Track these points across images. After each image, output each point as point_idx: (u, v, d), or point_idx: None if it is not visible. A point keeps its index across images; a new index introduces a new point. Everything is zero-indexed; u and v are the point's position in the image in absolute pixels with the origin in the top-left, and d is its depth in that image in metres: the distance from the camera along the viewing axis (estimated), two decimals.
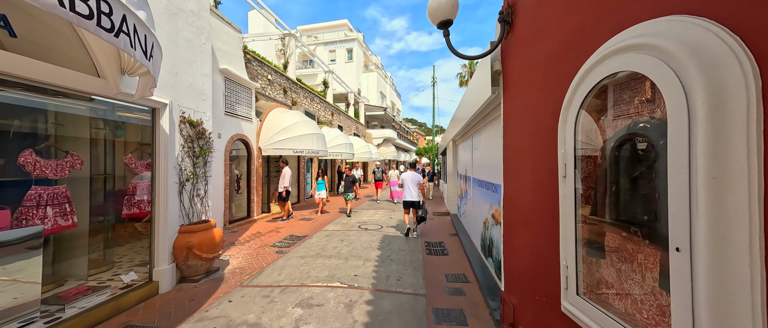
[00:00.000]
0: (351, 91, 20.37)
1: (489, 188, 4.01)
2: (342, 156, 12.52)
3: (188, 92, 3.88)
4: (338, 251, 5.19)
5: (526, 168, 2.14)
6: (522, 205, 2.21)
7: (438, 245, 5.74)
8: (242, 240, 5.82)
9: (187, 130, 3.83)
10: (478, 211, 4.91)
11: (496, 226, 3.60)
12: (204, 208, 4.09)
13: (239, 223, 7.08)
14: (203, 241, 3.73)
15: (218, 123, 6.47)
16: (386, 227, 7.27)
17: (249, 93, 7.70)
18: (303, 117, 9.00)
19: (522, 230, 2.21)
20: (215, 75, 6.36)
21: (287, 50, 11.60)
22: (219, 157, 6.48)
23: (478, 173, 4.90)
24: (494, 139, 3.65)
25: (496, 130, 3.54)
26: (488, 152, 4.09)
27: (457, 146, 8.64)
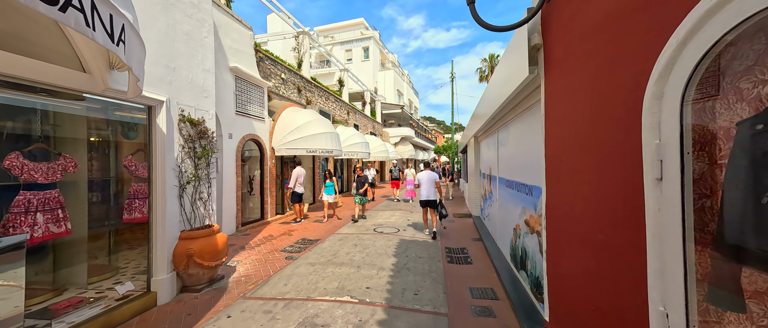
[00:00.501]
0: (367, 90, 20.05)
1: (521, 190, 3.46)
2: (358, 155, 12.20)
3: (188, 89, 3.64)
4: (351, 257, 4.81)
5: (582, 166, 1.62)
6: (576, 215, 1.69)
7: (460, 252, 5.21)
8: (253, 244, 5.60)
9: (188, 130, 3.59)
10: (506, 215, 4.35)
11: (531, 235, 3.05)
12: (207, 212, 3.84)
13: (252, 225, 6.91)
14: (205, 248, 3.47)
15: (229, 123, 6.31)
16: (403, 229, 6.82)
17: (261, 92, 7.52)
18: (317, 116, 8.74)
19: (576, 248, 1.69)
20: (225, 73, 6.20)
21: (301, 48, 11.43)
22: (230, 158, 6.32)
23: (506, 172, 4.33)
24: (528, 133, 3.10)
25: (531, 121, 2.99)
26: (519, 148, 3.54)
27: (480, 143, 8.01)
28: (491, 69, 34.86)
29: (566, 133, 1.80)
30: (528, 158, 3.15)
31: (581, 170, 1.63)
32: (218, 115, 5.97)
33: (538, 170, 2.70)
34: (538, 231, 2.83)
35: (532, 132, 2.94)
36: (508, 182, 4.15)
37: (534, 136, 2.87)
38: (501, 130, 4.77)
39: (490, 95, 4.15)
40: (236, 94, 6.56)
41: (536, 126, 2.76)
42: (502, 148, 4.65)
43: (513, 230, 3.87)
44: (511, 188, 3.95)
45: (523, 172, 3.35)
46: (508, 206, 4.16)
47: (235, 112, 6.51)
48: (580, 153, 1.64)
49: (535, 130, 2.84)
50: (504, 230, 4.53)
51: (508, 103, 3.27)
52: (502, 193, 4.63)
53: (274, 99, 8.91)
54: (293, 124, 8.04)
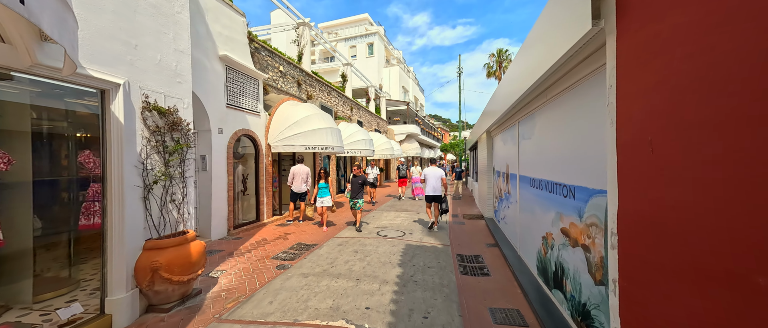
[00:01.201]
0: (371, 86, 19.45)
1: (554, 191, 2.82)
2: (361, 153, 11.62)
3: (156, 72, 3.08)
4: (350, 267, 4.23)
5: (698, 157, 0.99)
6: (685, 233, 1.06)
7: (474, 260, 4.59)
8: (243, 249, 5.07)
9: (155, 120, 3.04)
10: (530, 220, 3.70)
11: (572, 248, 2.41)
12: (181, 217, 3.30)
13: (246, 227, 6.39)
14: (175, 259, 2.92)
15: (219, 117, 5.78)
16: (409, 233, 6.22)
17: (256, 84, 6.98)
18: (316, 110, 8.17)
19: (687, 287, 1.06)
20: (214, 62, 5.67)
21: (301, 40, 10.87)
22: (220, 154, 5.79)
23: (531, 170, 3.68)
24: (569, 119, 2.46)
25: (574, 104, 2.35)
26: (552, 140, 2.89)
27: (493, 138, 7.34)
28: (499, 64, 33.87)
29: (661, 109, 1.17)
30: (568, 152, 2.51)
31: (696, 164, 1.00)
32: (206, 107, 5.44)
33: (588, 166, 2.06)
34: (584, 245, 2.20)
35: (577, 117, 2.30)
36: (535, 182, 3.51)
37: (581, 121, 2.23)
38: (523, 122, 4.12)
39: (514, 75, 3.51)
40: (227, 86, 6.02)
41: (587, 109, 2.12)
42: (526, 141, 3.99)
43: (542, 238, 3.23)
44: (539, 189, 3.31)
45: (559, 169, 2.71)
46: (535, 210, 3.52)
47: (227, 105, 5.98)
48: (694, 139, 1.01)
49: (583, 114, 2.20)
50: (528, 237, 3.89)
51: (541, 82, 2.63)
52: (525, 194, 3.98)
53: (271, 93, 8.38)
54: (291, 118, 7.49)
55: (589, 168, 2.10)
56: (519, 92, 3.18)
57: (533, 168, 3.61)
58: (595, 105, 1.99)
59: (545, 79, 2.59)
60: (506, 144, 5.47)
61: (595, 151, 2.01)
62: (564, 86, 2.54)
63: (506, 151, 5.47)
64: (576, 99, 2.33)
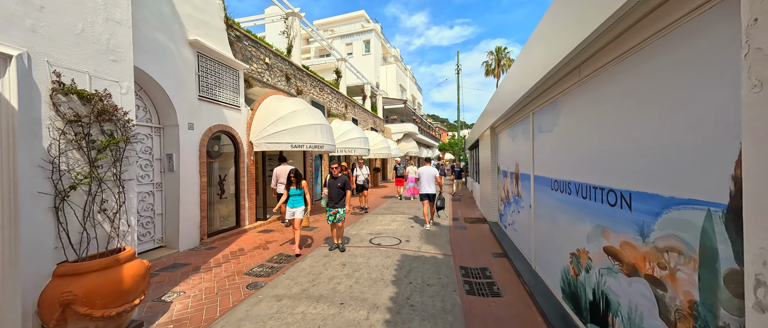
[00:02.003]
0: (367, 83, 18.78)
1: (593, 197, 2.16)
2: (355, 152, 10.96)
3: (75, 45, 2.39)
4: (334, 285, 3.55)
5: None
6: None
7: (481, 274, 3.93)
8: (213, 263, 4.37)
9: (74, 106, 2.35)
10: (553, 231, 3.04)
11: (625, 277, 1.75)
12: (115, 230, 2.60)
13: (223, 235, 5.69)
14: (97, 288, 2.23)
15: (189, 110, 5.08)
16: (405, 240, 5.55)
17: (235, 75, 6.28)
18: (305, 105, 7.49)
19: None
20: (182, 48, 4.96)
21: (290, 32, 10.17)
22: (190, 153, 5.09)
23: (554, 169, 3.03)
24: (628, 99, 1.80)
25: (638, 76, 1.69)
26: (592, 130, 2.22)
27: (498, 135, 6.69)
28: (498, 62, 33.32)
29: None
30: (617, 145, 1.85)
31: None
32: (173, 99, 4.74)
33: (662, 164, 1.40)
34: (651, 276, 1.54)
35: (639, 96, 1.64)
36: (558, 184, 2.85)
37: (648, 102, 1.56)
38: (540, 113, 3.46)
39: (531, 59, 2.85)
40: (199, 76, 5.32)
41: (664, 82, 1.46)
42: (543, 135, 3.34)
43: (571, 255, 2.57)
44: (565, 192, 2.65)
45: (601, 168, 2.05)
46: (558, 218, 2.86)
47: (199, 97, 5.28)
48: None
49: (654, 90, 1.53)
50: (547, 250, 3.23)
51: (574, 56, 1.97)
52: (544, 198, 3.32)
53: (255, 86, 7.68)
54: (276, 114, 6.80)
55: (664, 167, 1.44)
56: (539, 73, 2.52)
57: (555, 167, 2.95)
58: (682, 75, 1.33)
59: (584, 49, 1.93)
60: (515, 140, 4.82)
61: (679, 141, 1.35)
62: (610, 57, 1.88)
63: (515, 148, 4.82)
64: (635, 72, 1.67)
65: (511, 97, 3.86)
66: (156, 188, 4.76)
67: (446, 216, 8.10)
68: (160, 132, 4.87)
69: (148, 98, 4.71)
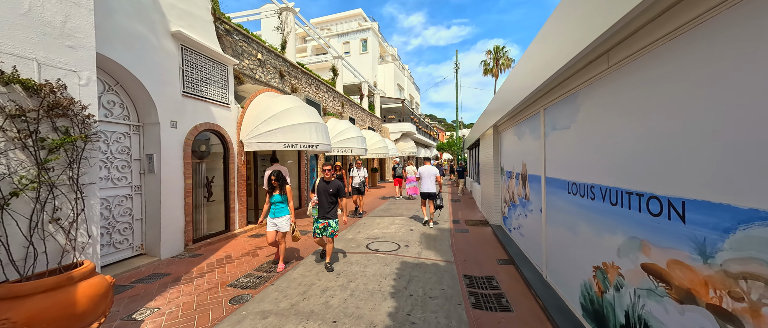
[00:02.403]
0: (364, 81, 18.45)
1: (626, 204, 1.84)
2: (352, 152, 10.62)
3: (21, 26, 2.05)
4: (327, 299, 3.22)
5: None
6: None
7: (487, 284, 3.62)
8: (196, 272, 4.02)
9: (16, 97, 2.00)
10: (569, 239, 2.73)
11: (682, 305, 1.43)
12: (71, 243, 2.25)
13: (210, 241, 5.34)
14: (43, 313, 1.89)
15: (172, 107, 4.72)
16: (405, 245, 5.23)
17: (224, 71, 5.92)
18: (299, 102, 7.14)
19: None
20: (164, 39, 4.60)
21: (284, 27, 9.82)
22: (173, 153, 4.73)
23: (571, 170, 2.71)
24: (681, 86, 1.48)
25: (693, 56, 1.38)
26: (625, 126, 1.90)
27: (501, 134, 6.39)
28: (496, 62, 33.10)
29: None
30: (663, 142, 1.53)
31: None
32: (153, 94, 4.38)
33: (721, 166, 1.08)
34: (718, 308, 1.22)
35: (694, 84, 1.33)
36: (577, 187, 2.54)
37: (710, 90, 1.25)
38: (553, 108, 3.15)
39: (544, 48, 2.53)
40: (184, 70, 4.96)
41: (721, 66, 1.15)
42: (557, 133, 3.02)
43: (594, 269, 2.26)
44: (586, 197, 2.34)
45: (638, 170, 1.74)
46: (577, 226, 2.55)
47: (183, 93, 4.92)
48: None
49: (726, 71, 1.22)
50: (563, 259, 2.92)
51: (601, 42, 1.65)
52: (558, 202, 3.01)
53: (247, 83, 7.32)
54: (268, 111, 6.45)
55: (742, 169, 1.12)
56: (557, 64, 2.20)
57: (573, 168, 2.64)
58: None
59: (619, 30, 1.61)
60: (522, 139, 4.51)
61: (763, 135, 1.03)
62: (657, 36, 1.57)
63: (522, 148, 4.51)
64: (696, 49, 1.36)
65: (518, 93, 3.54)
66: (135, 191, 4.40)
67: (446, 218, 7.79)
68: (139, 130, 4.51)
69: (126, 94, 4.34)
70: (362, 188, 8.38)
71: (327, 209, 4.06)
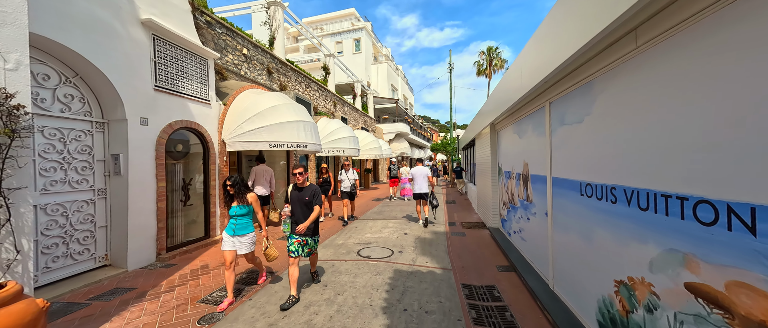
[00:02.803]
0: (357, 81, 18.09)
1: (659, 208, 1.54)
2: (344, 152, 10.25)
3: None
4: (311, 315, 2.85)
5: None
6: None
7: (488, 295, 3.30)
8: (166, 286, 3.60)
9: None
10: (583, 248, 2.42)
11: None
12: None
13: (187, 248, 4.90)
14: None
15: (142, 102, 4.29)
16: (398, 251, 4.88)
17: (203, 65, 5.50)
18: (287, 100, 6.75)
19: None
20: (132, 28, 4.16)
21: (273, 23, 9.41)
22: (144, 153, 4.30)
23: (586, 170, 2.41)
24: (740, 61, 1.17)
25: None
26: (659, 116, 1.59)
27: (498, 132, 6.11)
28: (489, 62, 33.16)
29: None
30: (717, 135, 1.22)
31: None
32: (118, 88, 3.95)
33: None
34: None
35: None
36: (593, 189, 2.23)
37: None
38: (562, 101, 2.85)
39: (556, 31, 2.23)
40: (156, 62, 4.53)
41: None
42: (568, 129, 2.72)
43: (616, 284, 1.95)
44: (608, 201, 2.03)
45: (679, 170, 1.43)
46: (593, 232, 2.24)
47: (155, 87, 4.48)
48: None
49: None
50: (574, 269, 2.61)
51: (630, 17, 1.34)
52: (568, 205, 2.71)
53: (231, 79, 6.90)
54: (253, 109, 6.04)
55: None
56: (570, 48, 1.89)
57: (588, 167, 2.34)
58: None
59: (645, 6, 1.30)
60: (523, 136, 4.22)
61: None
62: (704, 4, 1.26)
63: (523, 146, 4.22)
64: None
65: (521, 87, 3.24)
66: (98, 195, 3.95)
67: (442, 221, 7.48)
68: (103, 128, 4.06)
69: (87, 87, 3.90)
70: (353, 192, 7.45)
71: (301, 220, 3.23)
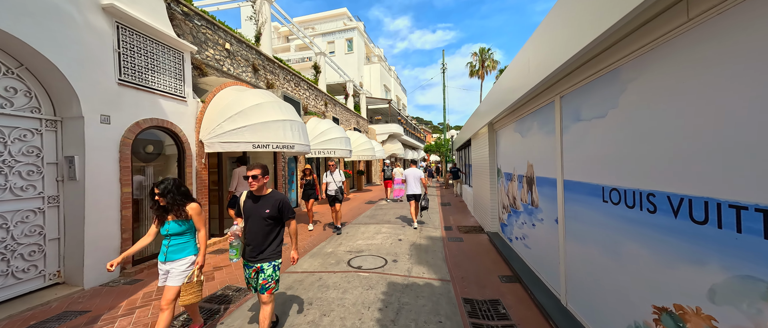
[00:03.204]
0: (350, 81, 17.69)
1: (726, 223, 1.20)
2: (336, 153, 9.82)
3: None
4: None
5: None
6: None
7: (493, 312, 2.94)
8: (123, 308, 3.12)
9: None
10: (608, 262, 2.08)
11: None
12: None
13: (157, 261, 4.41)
14: None
15: (104, 97, 3.81)
16: (392, 260, 4.50)
17: (178, 58, 5.03)
18: (272, 97, 6.30)
19: None
20: (87, 12, 3.65)
21: (259, 17, 8.94)
22: (107, 155, 3.81)
23: (606, 173, 2.07)
24: None
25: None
26: (727, 103, 1.26)
27: (497, 132, 5.80)
28: (482, 63, 33.18)
29: None
30: None
31: None
32: (72, 81, 3.46)
33: None
34: None
35: None
36: (620, 194, 1.89)
37: None
38: (577, 94, 2.52)
39: (578, 8, 1.89)
40: (121, 54, 4.04)
41: None
42: (585, 125, 2.39)
43: (655, 310, 1.61)
44: (644, 210, 1.70)
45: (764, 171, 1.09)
46: (623, 248, 1.90)
47: (119, 81, 4.00)
48: None
49: None
50: (597, 288, 2.26)
51: None
52: (585, 212, 2.37)
53: (211, 75, 6.43)
54: (235, 107, 5.58)
55: None
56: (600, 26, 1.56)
57: (613, 168, 2.00)
58: None
59: None
60: (527, 135, 3.90)
61: None
62: None
63: (527, 146, 3.89)
64: None
65: (524, 82, 2.91)
66: (48, 203, 3.45)
67: (438, 224, 7.14)
68: (55, 126, 3.57)
69: (35, 80, 3.41)
70: (340, 197, 6.45)
71: (260, 243, 2.35)
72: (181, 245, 2.39)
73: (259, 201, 2.41)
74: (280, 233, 2.46)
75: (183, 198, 2.38)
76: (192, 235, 2.47)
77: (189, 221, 2.42)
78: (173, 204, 2.34)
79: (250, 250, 2.40)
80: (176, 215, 2.35)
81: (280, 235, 2.46)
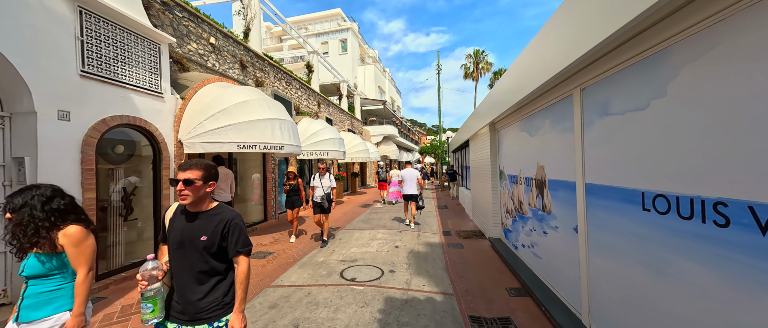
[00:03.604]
0: (343, 81, 17.30)
1: None
2: (329, 155, 9.42)
3: None
4: None
5: None
6: None
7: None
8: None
9: None
10: (650, 283, 1.73)
11: None
12: None
13: (126, 274, 3.94)
14: None
15: (63, 91, 3.35)
16: (389, 270, 4.11)
17: (154, 50, 4.58)
18: (260, 95, 5.88)
19: None
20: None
21: (248, 12, 8.51)
22: (66, 156, 3.35)
23: (649, 176, 1.73)
24: None
25: None
26: None
27: (499, 132, 5.48)
28: (476, 65, 33.20)
29: None
30: None
31: None
32: (22, 71, 3.01)
33: None
34: None
35: None
36: (671, 203, 1.55)
37: None
38: (601, 85, 2.19)
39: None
40: (84, 42, 3.59)
41: None
42: (611, 121, 2.05)
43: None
44: (705, 221, 1.35)
45: None
46: (674, 267, 1.56)
47: (81, 72, 3.54)
48: None
49: None
50: (635, 312, 1.91)
51: None
52: (616, 221, 2.03)
53: (194, 70, 5.98)
54: (218, 104, 5.15)
55: None
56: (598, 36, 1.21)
57: (661, 171, 1.66)
58: None
59: None
60: (537, 134, 3.57)
61: None
62: None
63: (537, 146, 3.57)
64: None
65: (540, 72, 2.58)
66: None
67: (436, 229, 6.78)
68: (2, 123, 3.10)
69: None
70: (326, 206, 5.56)
71: (193, 287, 1.42)
72: (46, 296, 1.44)
73: (195, 220, 1.46)
74: (228, 273, 1.50)
75: (53, 218, 1.47)
76: (65, 278, 1.51)
77: (61, 256, 1.49)
78: (32, 228, 1.42)
79: (178, 302, 1.42)
80: (39, 246, 1.44)
81: (229, 276, 1.50)
